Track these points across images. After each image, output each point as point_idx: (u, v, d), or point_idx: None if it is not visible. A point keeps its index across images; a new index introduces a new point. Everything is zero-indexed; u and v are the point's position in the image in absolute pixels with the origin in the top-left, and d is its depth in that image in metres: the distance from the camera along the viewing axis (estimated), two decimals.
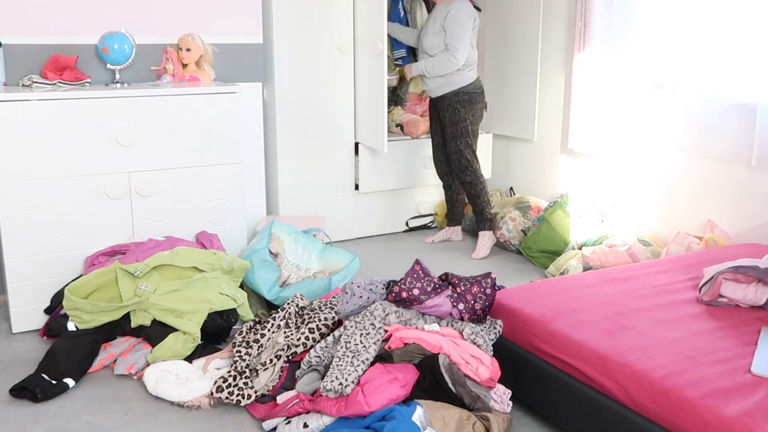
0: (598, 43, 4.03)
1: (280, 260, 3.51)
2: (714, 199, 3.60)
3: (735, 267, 2.64)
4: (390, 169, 4.69)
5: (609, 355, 2.23)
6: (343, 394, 2.31)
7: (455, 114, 4.16)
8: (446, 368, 2.36)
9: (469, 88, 4.14)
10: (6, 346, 3.12)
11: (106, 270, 3.06)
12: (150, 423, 2.53)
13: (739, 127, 3.40)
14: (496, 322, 2.62)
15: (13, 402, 2.66)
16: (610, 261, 3.58)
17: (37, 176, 3.15)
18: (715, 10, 3.50)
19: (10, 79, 3.42)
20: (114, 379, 2.85)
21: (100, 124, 3.25)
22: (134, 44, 3.55)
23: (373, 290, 2.61)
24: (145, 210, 3.42)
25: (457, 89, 4.13)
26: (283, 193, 4.39)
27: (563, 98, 4.40)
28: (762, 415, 1.86)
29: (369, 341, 2.43)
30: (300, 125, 4.35)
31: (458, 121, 4.16)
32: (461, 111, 4.15)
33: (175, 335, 2.92)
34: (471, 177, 4.23)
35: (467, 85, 4.13)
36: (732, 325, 2.45)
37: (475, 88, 4.17)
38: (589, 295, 2.71)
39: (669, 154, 3.81)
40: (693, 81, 3.66)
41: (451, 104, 4.16)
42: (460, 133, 4.17)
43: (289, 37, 4.20)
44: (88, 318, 2.94)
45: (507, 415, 2.41)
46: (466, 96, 4.14)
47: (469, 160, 4.20)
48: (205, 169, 3.53)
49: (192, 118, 3.45)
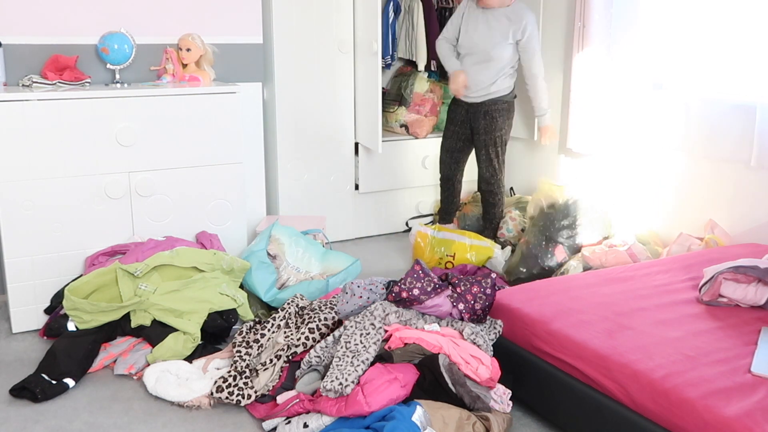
0: (597, 43, 4.03)
1: (279, 262, 3.51)
2: (714, 200, 3.60)
3: (735, 267, 2.64)
4: (390, 169, 4.69)
5: (609, 355, 2.23)
6: (343, 394, 2.31)
7: (492, 123, 4.00)
8: (446, 368, 2.36)
9: (508, 96, 4.01)
10: (6, 346, 3.12)
11: (106, 270, 3.06)
12: (150, 423, 2.53)
13: (739, 128, 3.40)
14: (496, 322, 2.62)
15: (13, 402, 2.66)
16: (610, 261, 3.58)
17: (37, 176, 3.15)
18: (715, 10, 3.50)
19: (10, 79, 3.42)
20: (114, 379, 2.85)
21: (100, 124, 3.25)
22: (134, 44, 3.55)
23: (373, 290, 2.61)
24: (145, 210, 3.42)
25: (497, 98, 3.98)
26: (283, 193, 4.39)
27: (562, 98, 4.40)
28: (762, 415, 1.86)
29: (369, 341, 2.43)
30: (300, 125, 4.35)
31: (494, 130, 4.01)
32: (499, 120, 3.99)
33: (175, 335, 2.93)
34: (495, 187, 4.14)
35: (507, 94, 4.00)
36: (732, 325, 2.45)
37: (513, 96, 4.05)
38: (589, 295, 2.71)
39: (669, 154, 3.81)
40: (693, 81, 3.66)
41: (489, 112, 3.99)
42: (494, 142, 4.03)
43: (289, 37, 4.20)
44: (88, 318, 2.94)
45: (507, 415, 2.41)
46: (505, 105, 4.00)
47: (496, 170, 4.10)
48: (205, 169, 3.53)
49: (192, 118, 3.45)
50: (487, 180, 4.14)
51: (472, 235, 3.97)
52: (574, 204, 3.85)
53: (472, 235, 3.98)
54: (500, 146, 4.07)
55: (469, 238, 3.94)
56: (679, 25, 3.66)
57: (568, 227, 3.79)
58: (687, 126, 3.66)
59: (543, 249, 3.74)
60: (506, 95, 4.00)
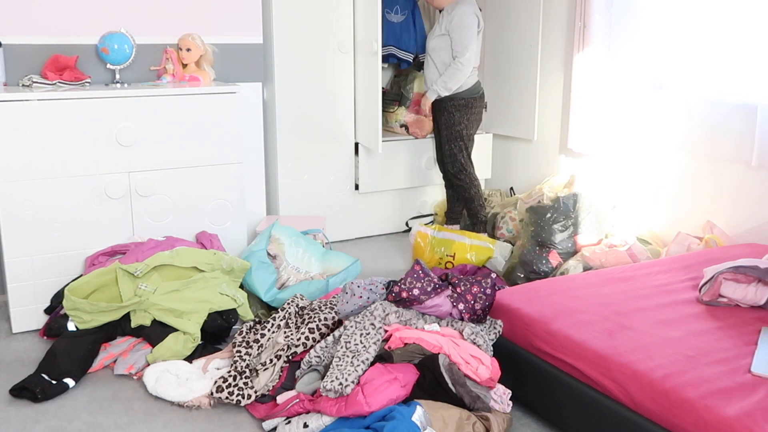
0: (597, 43, 4.03)
1: (279, 262, 3.51)
2: (714, 200, 3.60)
3: (735, 267, 2.64)
4: (390, 169, 4.69)
5: (609, 355, 2.23)
6: (343, 394, 2.31)
7: (450, 118, 4.12)
8: (446, 368, 2.36)
9: (465, 93, 4.10)
10: (6, 346, 3.12)
11: (106, 270, 3.06)
12: (150, 423, 2.53)
13: (740, 128, 3.40)
14: (496, 322, 2.62)
15: (13, 402, 2.66)
16: (610, 261, 3.58)
17: (37, 176, 3.15)
18: (715, 10, 3.50)
19: (10, 79, 3.42)
20: (114, 379, 2.85)
21: (100, 124, 3.25)
22: (134, 44, 3.55)
23: (373, 290, 2.61)
24: (145, 210, 3.42)
25: (454, 94, 4.08)
26: (283, 193, 4.39)
27: (563, 98, 4.40)
28: (762, 415, 1.86)
29: (369, 341, 2.43)
30: (300, 125, 4.35)
31: (452, 125, 4.12)
32: (456, 115, 4.11)
33: (175, 335, 2.93)
34: (464, 181, 4.21)
35: (464, 90, 4.09)
36: (732, 325, 2.45)
37: (472, 93, 4.12)
38: (589, 295, 2.71)
39: (669, 154, 3.81)
40: (693, 81, 3.65)
41: (446, 108, 4.12)
42: (454, 137, 4.14)
43: (289, 37, 4.20)
44: (88, 318, 2.94)
45: (507, 415, 2.41)
46: (462, 101, 4.10)
47: (462, 164, 4.18)
48: (205, 169, 3.53)
49: (192, 118, 3.45)
50: (455, 175, 4.23)
51: (472, 235, 3.98)
52: (563, 206, 3.83)
53: (472, 235, 3.99)
54: (462, 140, 4.16)
55: (469, 238, 3.94)
56: (679, 25, 3.66)
57: (560, 231, 3.78)
58: (687, 126, 3.66)
59: (537, 254, 3.74)
60: (463, 91, 4.09)
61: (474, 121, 4.19)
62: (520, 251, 3.84)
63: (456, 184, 4.26)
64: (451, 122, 4.12)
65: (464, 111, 4.12)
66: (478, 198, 4.26)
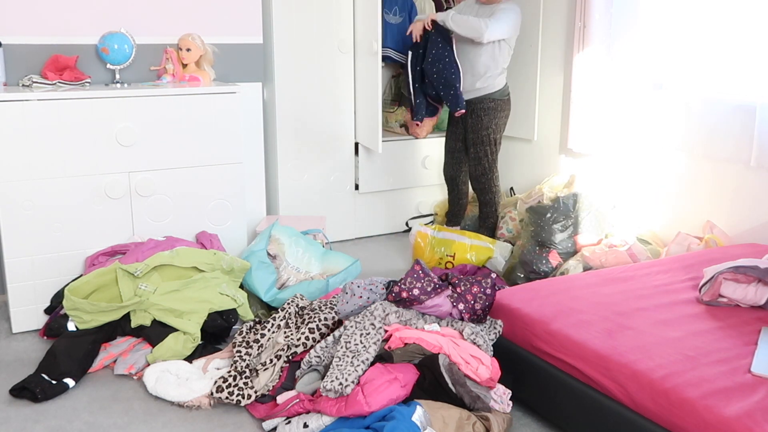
0: (597, 43, 4.03)
1: (278, 262, 3.51)
2: (714, 200, 3.60)
3: (735, 267, 2.64)
4: (390, 169, 4.69)
5: (609, 355, 2.23)
6: (343, 394, 2.31)
7: (478, 121, 4.02)
8: (446, 368, 2.36)
9: (495, 95, 4.00)
10: (6, 346, 3.12)
11: (106, 270, 3.06)
12: (150, 423, 2.53)
13: (739, 128, 3.40)
14: (496, 322, 2.62)
15: (13, 402, 2.66)
16: (610, 261, 3.58)
17: (37, 176, 3.15)
18: (715, 10, 3.50)
19: (10, 79, 3.42)
20: (114, 379, 2.85)
21: (100, 124, 3.25)
22: (134, 44, 3.55)
23: (373, 290, 2.61)
24: (145, 210, 3.42)
25: (483, 96, 3.99)
26: (283, 193, 4.39)
27: (563, 98, 4.40)
28: (762, 415, 1.86)
29: (369, 341, 2.43)
30: (300, 125, 4.35)
31: (480, 129, 4.03)
32: (484, 119, 4.01)
33: (175, 335, 2.93)
34: (486, 185, 4.15)
35: (494, 92, 4.00)
36: (732, 325, 2.45)
37: (502, 95, 4.03)
38: (589, 295, 2.71)
39: (669, 154, 3.81)
40: (693, 81, 3.65)
41: (474, 110, 4.01)
42: (481, 141, 4.05)
43: (289, 37, 4.20)
44: (88, 318, 2.94)
45: (507, 415, 2.41)
46: (492, 103, 4.00)
47: (486, 168, 4.10)
48: (205, 169, 3.53)
49: (192, 118, 3.45)
50: (477, 178, 4.16)
51: (472, 235, 3.97)
52: (563, 206, 3.83)
53: (472, 235, 3.99)
54: (489, 145, 4.07)
55: (469, 238, 3.94)
56: (679, 25, 3.66)
57: (560, 231, 3.78)
58: (687, 126, 3.66)
59: (537, 254, 3.74)
60: (494, 93, 4.00)
61: (501, 125, 4.09)
62: (520, 251, 3.85)
63: (476, 188, 4.19)
64: (479, 126, 4.03)
65: (492, 114, 4.02)
66: (494, 204, 4.21)
